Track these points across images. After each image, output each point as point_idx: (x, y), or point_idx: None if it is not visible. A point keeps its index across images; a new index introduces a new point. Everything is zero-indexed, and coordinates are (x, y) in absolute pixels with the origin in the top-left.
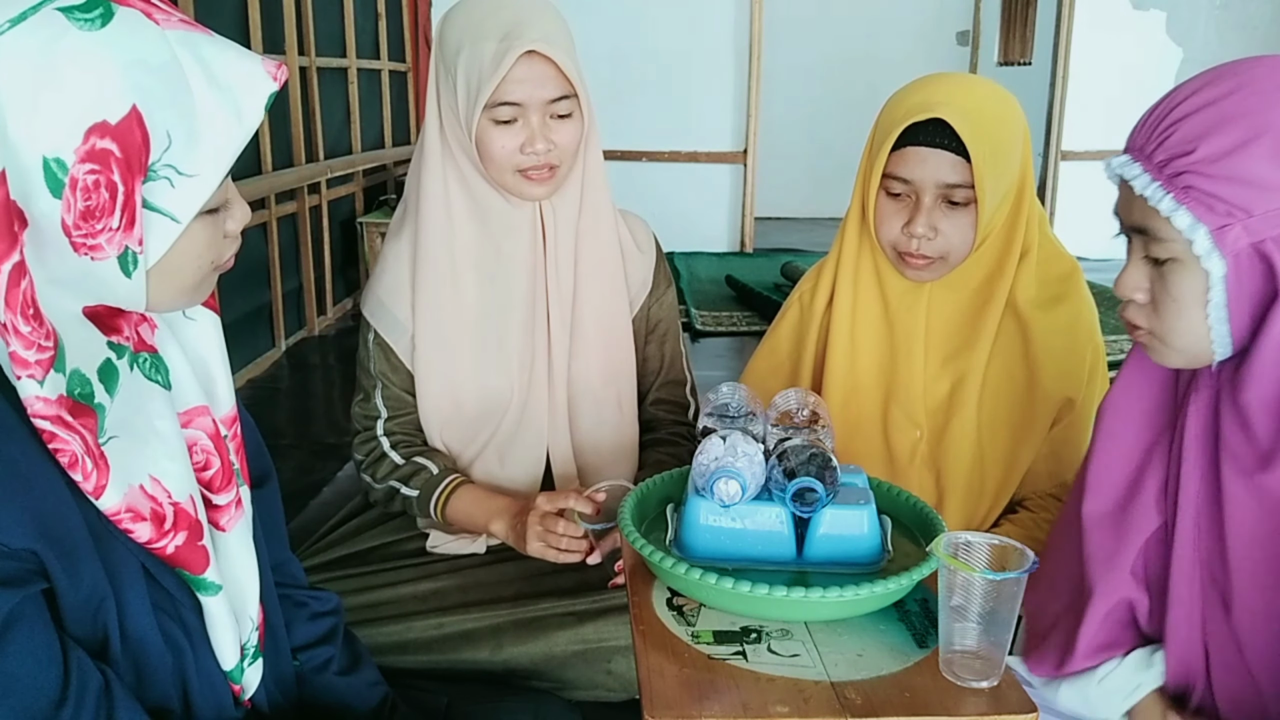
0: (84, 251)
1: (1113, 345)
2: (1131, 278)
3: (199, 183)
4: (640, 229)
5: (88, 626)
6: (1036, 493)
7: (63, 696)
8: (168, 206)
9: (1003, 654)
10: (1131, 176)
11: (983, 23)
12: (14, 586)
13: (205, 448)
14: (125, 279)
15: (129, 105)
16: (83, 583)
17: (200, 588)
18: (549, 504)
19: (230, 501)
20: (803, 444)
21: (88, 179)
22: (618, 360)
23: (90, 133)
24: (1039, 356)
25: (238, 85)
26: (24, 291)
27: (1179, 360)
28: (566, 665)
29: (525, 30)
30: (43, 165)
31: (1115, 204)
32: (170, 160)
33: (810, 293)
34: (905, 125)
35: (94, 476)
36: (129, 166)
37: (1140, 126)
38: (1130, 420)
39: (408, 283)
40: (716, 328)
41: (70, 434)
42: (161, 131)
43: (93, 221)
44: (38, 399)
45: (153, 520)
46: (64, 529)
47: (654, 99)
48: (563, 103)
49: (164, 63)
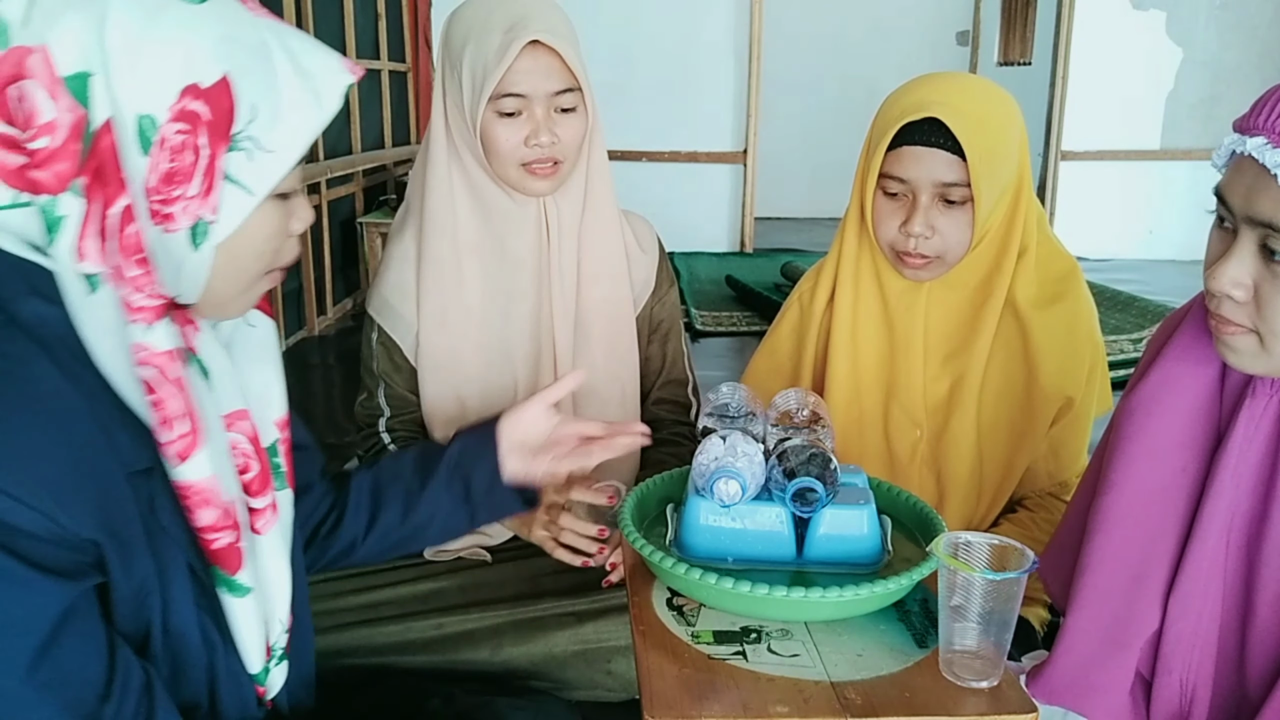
0: (159, 220)
1: (1112, 345)
2: (1233, 272)
3: (276, 159)
4: (643, 229)
5: (133, 620)
6: (1035, 492)
7: (108, 692)
8: (245, 179)
9: (1003, 654)
10: (1274, 164)
11: (983, 23)
12: (75, 579)
13: (245, 451)
14: (193, 252)
15: (221, 73)
16: (134, 576)
17: (230, 588)
18: (558, 495)
19: (266, 505)
20: (803, 444)
21: (175, 139)
22: (621, 359)
23: (184, 94)
24: (1038, 356)
25: (318, 73)
26: (131, 236)
27: (1265, 367)
28: (566, 665)
29: (530, 22)
30: (136, 122)
31: (1223, 188)
32: (252, 133)
33: (810, 293)
34: (900, 125)
35: (184, 441)
36: (215, 131)
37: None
38: (1166, 417)
39: (412, 280)
40: (716, 328)
41: (173, 390)
42: (247, 103)
43: (173, 186)
44: (143, 346)
45: (218, 511)
46: (122, 520)
47: (654, 99)
48: (567, 96)
49: (255, 42)
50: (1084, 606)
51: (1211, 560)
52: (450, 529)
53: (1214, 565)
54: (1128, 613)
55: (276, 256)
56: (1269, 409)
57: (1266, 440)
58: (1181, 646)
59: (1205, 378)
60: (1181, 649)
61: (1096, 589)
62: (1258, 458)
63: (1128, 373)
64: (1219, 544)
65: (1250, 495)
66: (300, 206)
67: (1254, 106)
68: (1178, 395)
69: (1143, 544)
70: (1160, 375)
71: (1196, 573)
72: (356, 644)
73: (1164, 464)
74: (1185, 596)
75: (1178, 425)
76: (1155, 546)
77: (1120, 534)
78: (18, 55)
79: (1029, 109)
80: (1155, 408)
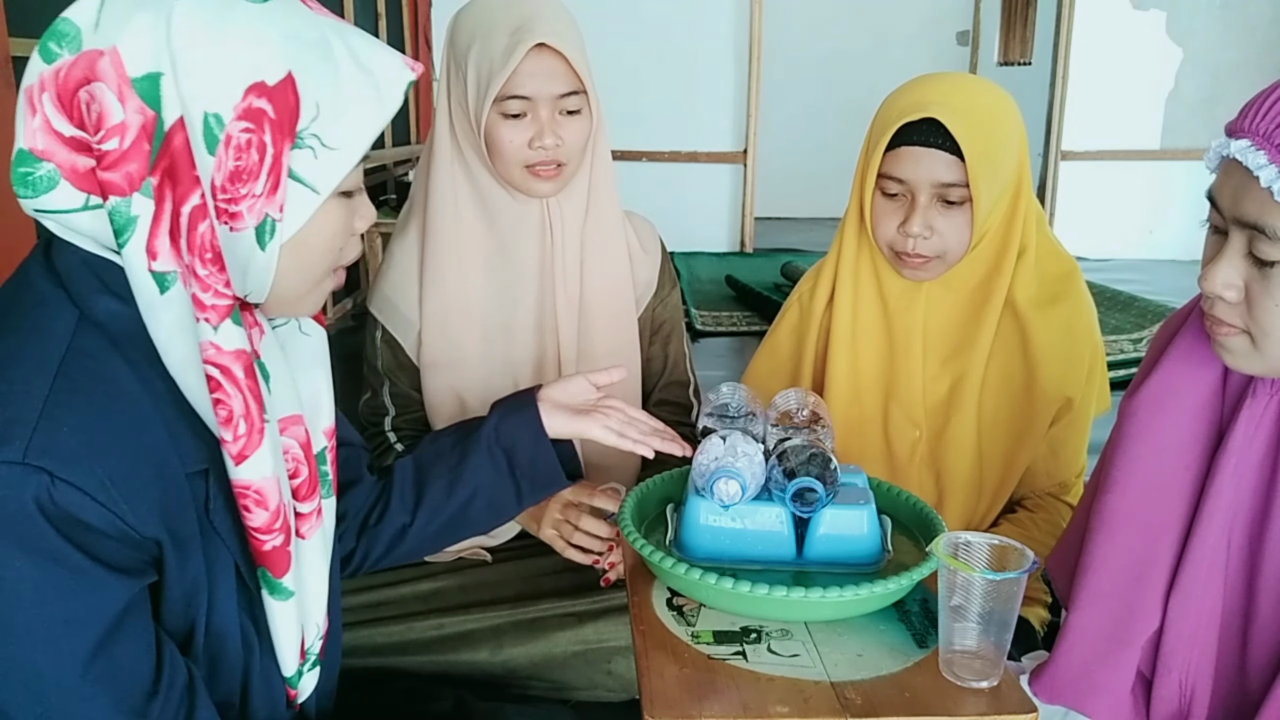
0: (225, 219)
1: (1112, 345)
2: (1224, 274)
3: (340, 156)
4: (646, 230)
5: (179, 619)
6: (1035, 492)
7: (155, 689)
8: (310, 177)
9: (1003, 654)
10: (1257, 166)
11: (983, 23)
12: (136, 576)
13: (296, 456)
14: (260, 251)
15: (285, 71)
16: (187, 575)
17: (275, 591)
18: (573, 494)
19: (312, 510)
20: (803, 444)
21: (241, 137)
22: (624, 360)
23: (249, 91)
24: (1038, 356)
25: (379, 71)
26: (203, 235)
27: (1260, 367)
28: (566, 666)
29: (536, 25)
30: (203, 120)
31: (1213, 191)
32: (316, 130)
33: (810, 293)
34: (899, 125)
35: (242, 441)
36: (280, 129)
37: (1264, 110)
38: (1169, 418)
39: (415, 279)
40: (716, 328)
41: (236, 390)
42: (311, 100)
43: (239, 184)
44: (212, 344)
45: (273, 513)
46: (181, 520)
47: (654, 99)
48: (572, 98)
49: (317, 39)
50: (1085, 605)
51: (1212, 560)
52: (498, 505)
53: (1214, 565)
54: (1128, 612)
55: (341, 255)
56: (1269, 409)
57: (1267, 440)
58: (1181, 645)
59: (1207, 378)
60: (1181, 648)
61: (1098, 588)
62: (1258, 457)
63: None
64: (1219, 543)
65: (1252, 495)
66: (363, 204)
67: (1242, 110)
68: (1180, 396)
69: (1144, 543)
70: (1163, 376)
71: (1196, 572)
72: (357, 644)
73: (1166, 463)
74: (1185, 596)
75: (1180, 425)
76: (1156, 546)
77: (1122, 533)
78: (89, 59)
79: (1029, 109)
80: (1158, 408)
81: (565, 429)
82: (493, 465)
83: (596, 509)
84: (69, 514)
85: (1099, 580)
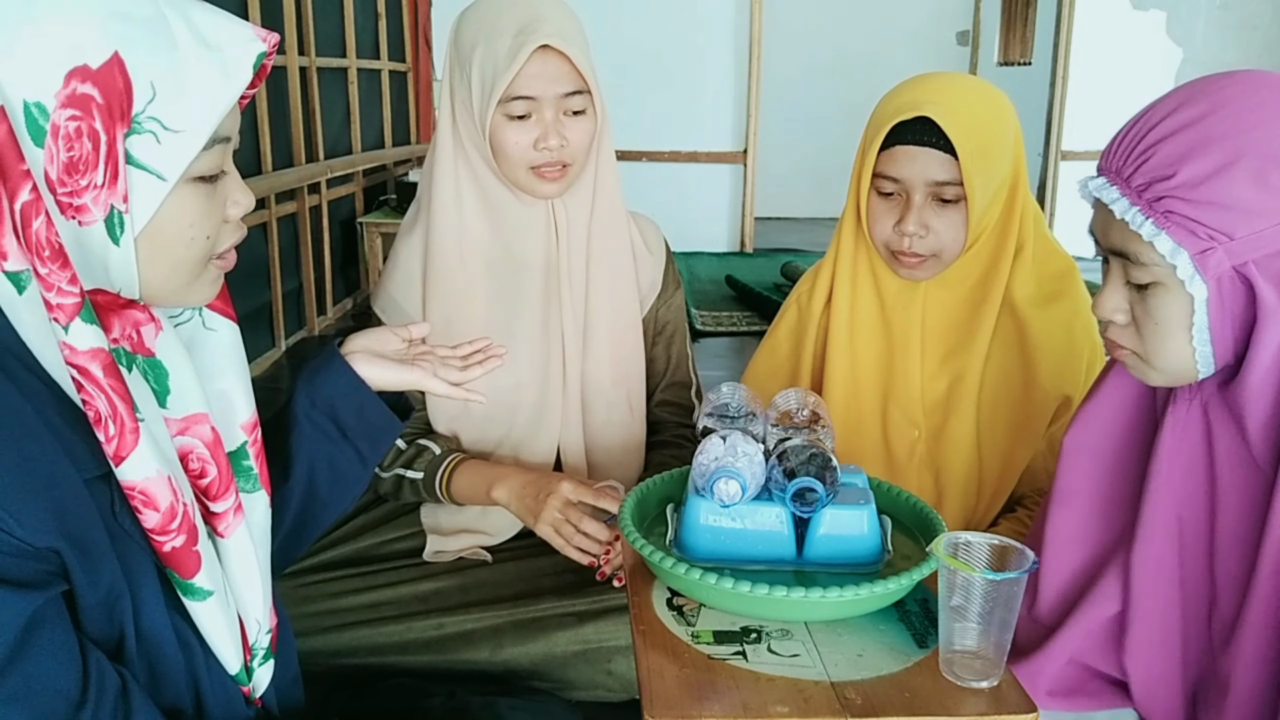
0: (71, 214)
1: None
2: (1110, 300)
3: (185, 139)
4: (650, 230)
5: (104, 626)
6: (1034, 491)
7: (82, 699)
8: (153, 163)
9: (1003, 654)
10: (1110, 200)
11: (983, 23)
12: (38, 588)
13: (201, 455)
14: (114, 246)
15: (110, 51)
16: (101, 581)
17: (187, 592)
18: (575, 493)
19: (228, 509)
20: (803, 444)
21: (69, 125)
22: (628, 360)
23: (71, 76)
24: (1036, 354)
25: (226, 45)
26: (38, 231)
27: (1161, 380)
28: (567, 665)
29: (541, 25)
30: (24, 110)
31: (1091, 226)
32: (154, 113)
33: (808, 294)
34: (892, 124)
35: (115, 442)
36: (110, 113)
37: (1115, 148)
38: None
39: (419, 280)
40: (716, 328)
41: (97, 390)
42: (145, 81)
43: (77, 176)
44: (65, 345)
45: (165, 512)
46: (83, 527)
47: (654, 99)
48: (576, 98)
49: (148, 16)
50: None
51: (1159, 564)
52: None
53: (1162, 569)
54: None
55: (213, 243)
56: (1192, 412)
57: (1195, 443)
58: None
59: (1140, 388)
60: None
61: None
62: (1188, 459)
63: None
64: (1167, 548)
65: (1195, 498)
66: (234, 189)
67: (1104, 148)
68: (1116, 407)
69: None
70: (1102, 389)
71: (1144, 576)
72: (356, 644)
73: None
74: (1137, 601)
75: (1115, 435)
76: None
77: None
78: None
79: (1029, 109)
80: (1096, 421)
81: (390, 380)
82: (318, 432)
83: (598, 509)
84: None
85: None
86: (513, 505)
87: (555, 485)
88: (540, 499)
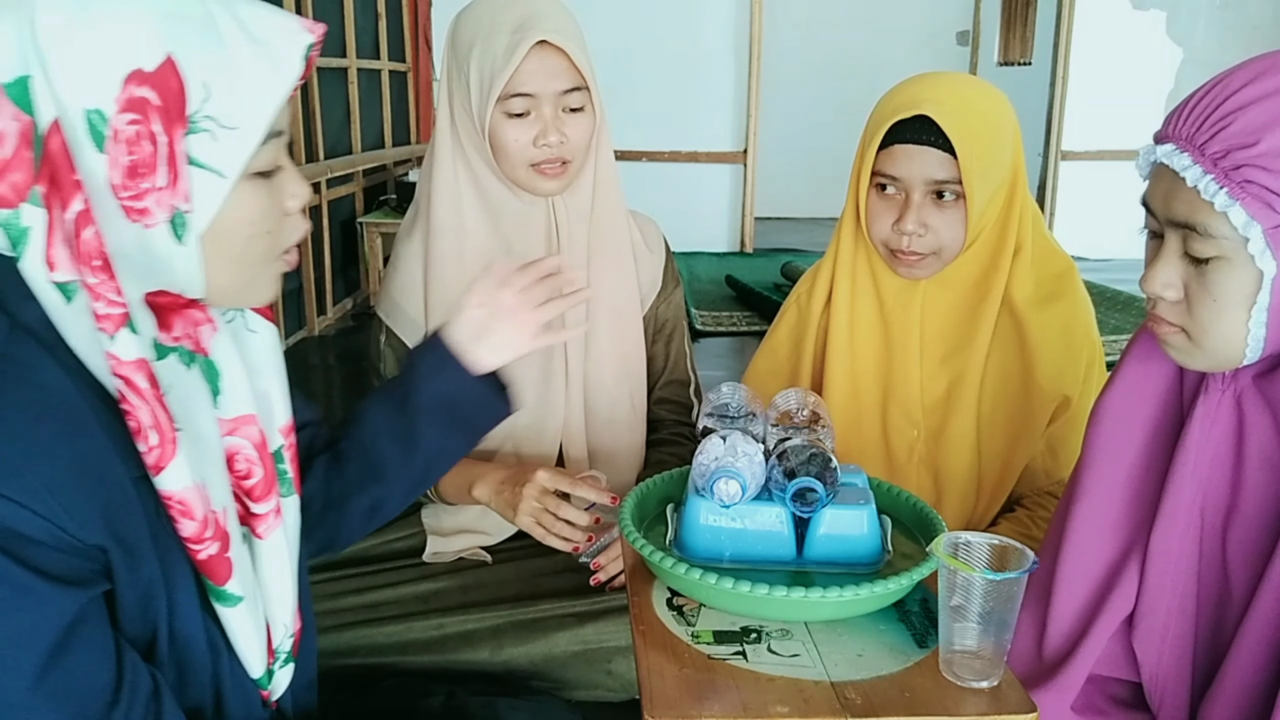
0: (135, 217)
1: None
2: (1163, 274)
3: (242, 135)
4: (650, 229)
5: (139, 625)
6: (1034, 490)
7: (115, 698)
8: (212, 161)
9: (1003, 654)
10: (1181, 167)
11: (983, 23)
12: (83, 586)
13: (249, 456)
14: (179, 246)
15: (164, 54)
16: (140, 582)
17: (219, 598)
18: (551, 481)
19: (270, 510)
20: (803, 444)
21: (129, 129)
22: (630, 359)
23: (128, 81)
24: (1035, 354)
25: (274, 38)
26: (88, 242)
27: (1204, 362)
28: (567, 666)
29: (538, 22)
30: (85, 117)
31: (1146, 196)
32: (210, 112)
33: (807, 294)
34: (891, 123)
35: (156, 452)
36: (168, 115)
37: (1186, 115)
38: (1130, 420)
39: (420, 281)
40: (716, 328)
41: (140, 400)
42: (198, 81)
43: (139, 179)
44: (109, 355)
45: (200, 521)
46: (129, 526)
47: (654, 99)
48: (574, 95)
49: (197, 15)
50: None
51: (1178, 555)
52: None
53: (1181, 561)
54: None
55: (276, 239)
56: (1223, 403)
57: (1224, 434)
58: (1153, 640)
59: (1165, 378)
60: (1153, 643)
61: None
62: (1216, 451)
63: None
64: (1187, 538)
65: (1218, 489)
66: (290, 181)
67: (1166, 117)
68: (1140, 397)
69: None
70: (1123, 378)
71: (1163, 567)
72: (356, 644)
73: (1130, 465)
74: (1153, 591)
75: (1140, 426)
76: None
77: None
78: None
79: (1029, 109)
80: (1119, 412)
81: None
82: (439, 429)
83: (578, 501)
84: (7, 527)
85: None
86: (493, 502)
87: (531, 475)
88: (518, 491)
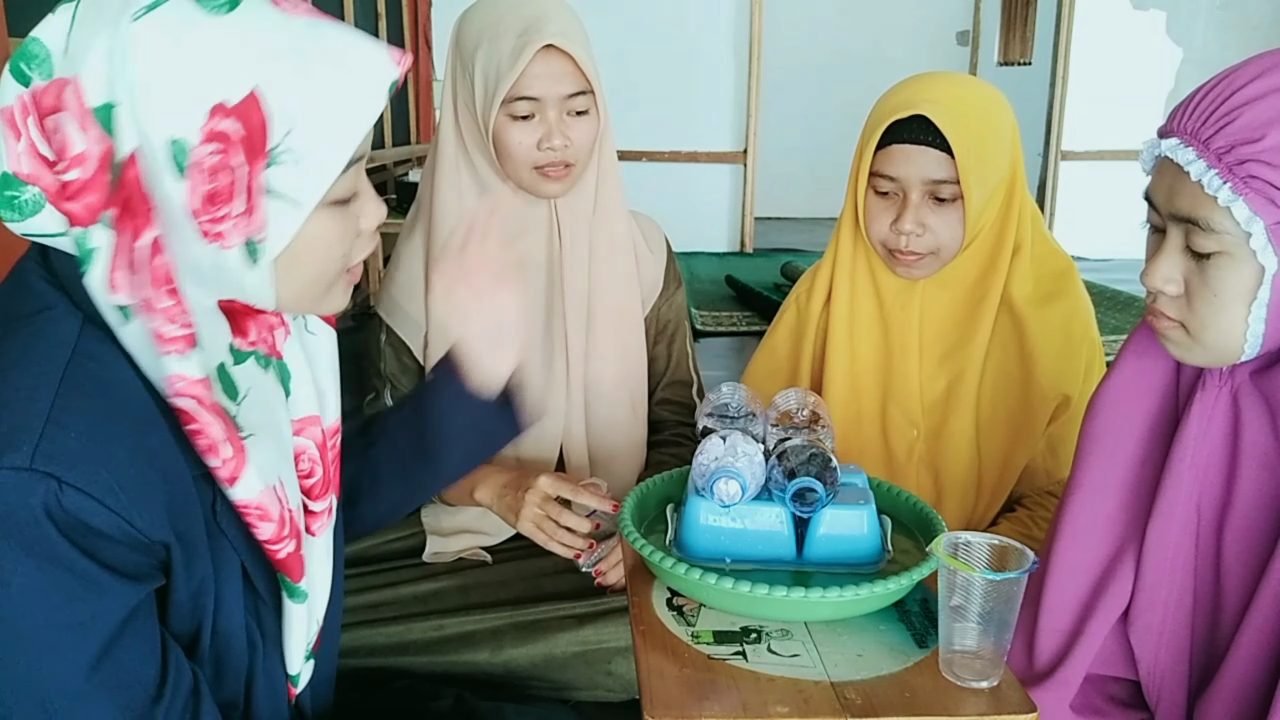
0: (212, 239)
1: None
2: (1164, 269)
3: (321, 168)
4: (652, 230)
5: (187, 621)
6: (1034, 490)
7: (159, 693)
8: (290, 192)
9: (1003, 654)
10: (1186, 162)
11: (983, 23)
12: (142, 581)
13: (312, 456)
14: (252, 268)
15: (249, 89)
16: (195, 577)
17: (293, 594)
18: (553, 488)
19: (325, 509)
20: (803, 444)
21: (210, 160)
22: (631, 361)
23: (213, 114)
24: (1035, 353)
25: (360, 71)
26: (161, 267)
27: (1202, 358)
28: (567, 667)
29: (544, 25)
30: (169, 147)
31: (1149, 190)
32: (291, 145)
33: (807, 294)
34: (889, 123)
35: (231, 464)
36: (250, 148)
37: (1191, 110)
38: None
39: (421, 281)
40: (716, 328)
41: (213, 416)
42: (282, 115)
43: (217, 206)
44: (179, 377)
45: (277, 522)
46: (189, 522)
47: (654, 99)
48: (579, 99)
49: (286, 48)
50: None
51: (1175, 551)
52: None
53: (1178, 557)
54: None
55: (349, 254)
56: (1220, 399)
57: (1221, 431)
58: (1150, 636)
59: (1161, 373)
60: (1150, 639)
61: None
62: (1213, 448)
63: None
64: (1184, 534)
65: (1214, 485)
66: (367, 204)
67: (1170, 112)
68: (1136, 392)
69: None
70: (1120, 372)
71: (1160, 562)
72: (356, 644)
73: (1126, 459)
74: (1150, 587)
75: (1136, 421)
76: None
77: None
78: (58, 87)
79: (1029, 109)
80: (1116, 406)
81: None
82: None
83: (579, 504)
84: (77, 519)
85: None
86: (495, 506)
87: (533, 480)
88: (520, 496)
